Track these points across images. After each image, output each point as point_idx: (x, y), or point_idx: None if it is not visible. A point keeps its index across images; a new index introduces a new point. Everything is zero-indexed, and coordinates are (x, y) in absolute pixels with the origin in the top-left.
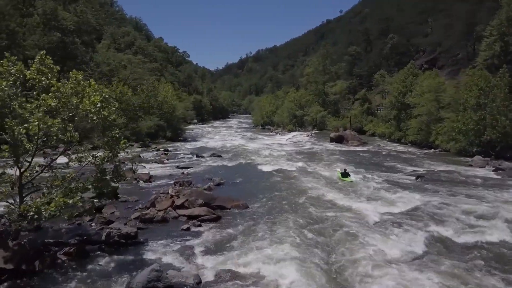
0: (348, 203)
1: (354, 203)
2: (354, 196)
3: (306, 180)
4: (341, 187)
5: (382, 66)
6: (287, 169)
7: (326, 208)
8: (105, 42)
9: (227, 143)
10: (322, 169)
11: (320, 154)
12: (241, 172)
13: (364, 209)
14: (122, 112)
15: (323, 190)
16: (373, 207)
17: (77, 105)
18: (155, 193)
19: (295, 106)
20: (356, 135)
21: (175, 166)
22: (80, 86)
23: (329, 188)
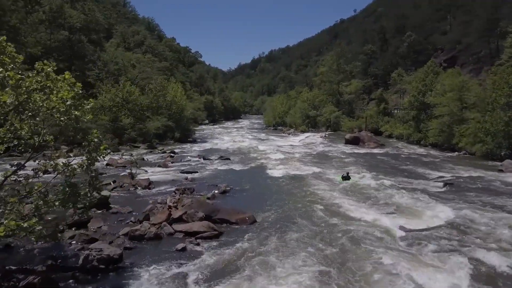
0: (370, 216)
1: (376, 216)
2: (375, 206)
3: (321, 187)
4: (360, 196)
5: (398, 65)
6: (300, 174)
7: (345, 221)
8: (113, 40)
9: (237, 145)
10: (337, 174)
11: (335, 157)
12: (249, 178)
13: (389, 223)
14: (129, 113)
15: (340, 200)
16: (398, 221)
17: (40, 103)
18: (152, 203)
19: (308, 106)
20: (372, 137)
21: (179, 171)
22: (50, 80)
23: (346, 197)
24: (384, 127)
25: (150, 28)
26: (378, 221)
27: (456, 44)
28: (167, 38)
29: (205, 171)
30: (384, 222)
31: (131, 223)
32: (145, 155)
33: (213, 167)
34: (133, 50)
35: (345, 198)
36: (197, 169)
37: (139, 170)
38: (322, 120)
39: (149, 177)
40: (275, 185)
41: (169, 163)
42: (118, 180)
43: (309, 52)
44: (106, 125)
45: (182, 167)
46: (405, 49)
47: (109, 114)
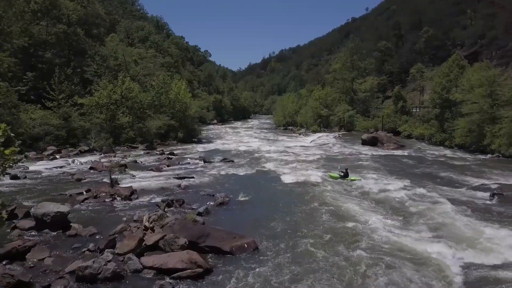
0: (409, 242)
1: (418, 242)
2: (413, 227)
3: (340, 198)
4: (391, 212)
5: (415, 62)
6: (313, 180)
7: (378, 249)
8: (113, 35)
9: (243, 146)
10: (359, 181)
11: (352, 159)
12: (254, 185)
13: (438, 254)
14: (127, 110)
15: (366, 216)
16: (448, 252)
17: None
18: (125, 221)
19: (320, 105)
20: (392, 137)
21: (173, 176)
22: None
23: (372, 212)
24: (402, 127)
25: (159, 27)
26: (422, 251)
27: (478, 39)
28: (174, 35)
29: (204, 176)
30: (430, 251)
31: (87, 252)
32: (141, 157)
33: (214, 171)
34: (136, 46)
35: (371, 214)
36: (195, 174)
37: (125, 175)
38: (335, 120)
39: (136, 183)
40: (284, 194)
41: (164, 167)
42: (95, 188)
43: (320, 51)
44: (102, 124)
45: (178, 171)
46: (422, 45)
47: (105, 112)
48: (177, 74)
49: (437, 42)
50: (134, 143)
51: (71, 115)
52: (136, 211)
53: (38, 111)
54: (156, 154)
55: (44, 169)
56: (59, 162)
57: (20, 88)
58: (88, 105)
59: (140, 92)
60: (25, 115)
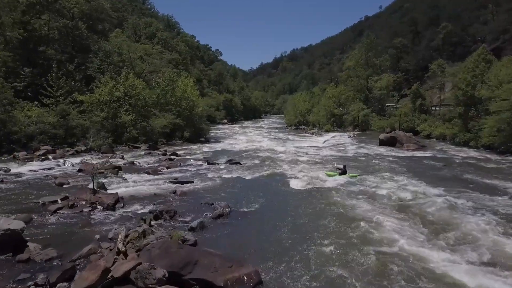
0: (456, 273)
1: (471, 276)
2: (460, 251)
3: (361, 208)
4: (430, 227)
5: (432, 59)
6: (329, 186)
7: (418, 282)
8: (118, 30)
9: (253, 146)
10: (382, 187)
11: (371, 162)
12: (261, 191)
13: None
14: (130, 108)
15: (397, 232)
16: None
17: None
18: (96, 240)
19: (333, 103)
20: (412, 137)
21: (170, 180)
22: None
23: (405, 226)
24: (421, 126)
25: (170, 26)
26: (472, 281)
27: (501, 34)
28: (184, 33)
29: (205, 181)
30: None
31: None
32: (141, 157)
33: (217, 174)
34: (143, 42)
35: (404, 228)
36: (195, 177)
37: (116, 178)
38: (349, 119)
39: (126, 189)
40: (296, 204)
41: (163, 169)
42: (75, 194)
43: (333, 51)
44: (104, 123)
45: (177, 174)
46: (439, 42)
47: (107, 110)
48: (184, 72)
49: (456, 38)
50: (137, 143)
51: (70, 112)
52: (116, 225)
53: (35, 108)
54: (157, 154)
55: (28, 171)
56: (50, 163)
57: (17, 85)
58: (88, 102)
59: (145, 89)
60: (21, 112)
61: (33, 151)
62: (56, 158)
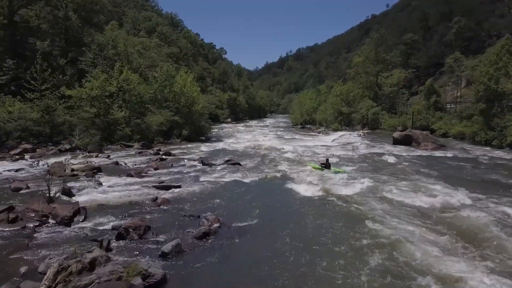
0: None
1: None
2: (496, 266)
3: (383, 218)
4: (480, 249)
5: (444, 55)
6: (342, 193)
7: None
8: (114, 22)
9: (256, 145)
10: (403, 191)
11: (386, 162)
12: (261, 199)
13: None
14: (124, 104)
15: (438, 257)
16: None
17: None
18: (22, 274)
19: (341, 101)
20: (429, 135)
21: (155, 184)
22: None
23: (446, 246)
24: (437, 124)
25: (174, 24)
26: None
27: None
28: (187, 29)
29: (195, 185)
30: None
31: None
32: (131, 157)
33: (212, 177)
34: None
35: (443, 244)
36: (185, 181)
37: (89, 182)
38: (358, 117)
39: (97, 196)
40: (304, 218)
41: (151, 170)
42: (27, 204)
43: (339, 50)
44: (95, 119)
45: (165, 177)
46: (452, 37)
47: (98, 105)
48: (184, 67)
49: (470, 33)
50: (130, 141)
51: (56, 108)
52: (62, 248)
53: (17, 103)
54: (149, 154)
55: None
56: (23, 163)
57: None
58: (76, 97)
59: (140, 84)
60: (1, 108)
61: (8, 150)
62: (34, 157)
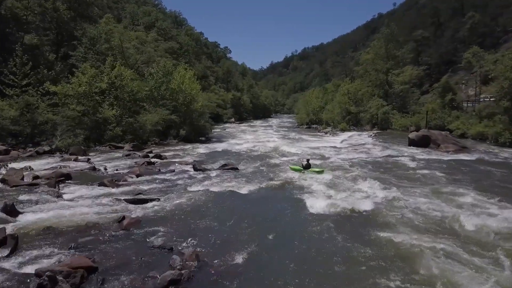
0: None
1: None
2: None
3: (410, 234)
4: None
5: (457, 52)
6: (361, 208)
7: None
8: (108, 15)
9: (258, 147)
10: (428, 202)
11: (406, 167)
12: (259, 217)
13: None
14: (115, 102)
15: None
16: None
17: None
18: None
19: (349, 100)
20: (449, 136)
21: (127, 198)
22: None
23: None
24: (454, 124)
25: (177, 22)
26: None
27: None
28: (189, 26)
29: (179, 197)
30: None
31: None
32: (115, 160)
33: (202, 186)
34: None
35: None
36: (167, 192)
37: (47, 195)
38: (367, 117)
39: (48, 213)
40: (313, 244)
41: (132, 177)
42: None
43: (345, 49)
44: (81, 118)
45: (146, 186)
46: (465, 33)
47: (86, 103)
48: (184, 64)
49: (484, 29)
50: (122, 142)
51: (38, 105)
52: None
53: None
54: (138, 156)
55: None
56: None
57: None
58: (61, 94)
59: (134, 80)
60: None
61: None
62: (4, 161)
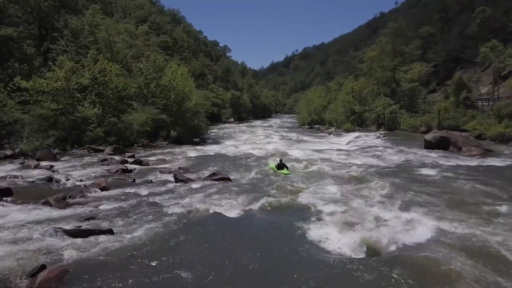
0: None
1: None
2: None
3: None
4: None
5: (465, 48)
6: (403, 242)
7: None
8: (95, 6)
9: (256, 150)
10: (465, 222)
11: (428, 175)
12: (251, 265)
13: None
14: (97, 99)
15: None
16: None
17: None
18: None
19: (353, 99)
20: (470, 138)
21: (68, 228)
22: None
23: None
24: (470, 124)
25: (176, 20)
26: None
27: None
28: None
29: (141, 226)
30: None
31: None
32: (87, 167)
33: (178, 206)
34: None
35: None
36: (131, 215)
37: None
38: (372, 116)
39: None
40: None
41: (95, 191)
42: None
43: (346, 48)
44: (58, 118)
45: (107, 205)
46: (475, 29)
47: (63, 100)
48: (178, 60)
49: (495, 24)
50: (104, 144)
51: (6, 103)
52: None
53: None
54: (115, 162)
55: None
56: None
57: None
58: (33, 90)
59: (119, 76)
60: None
61: None
62: None
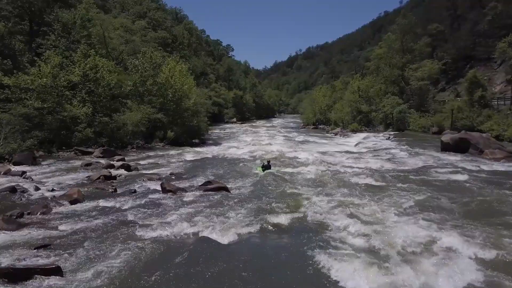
0: None
1: None
2: None
3: None
4: None
5: (476, 46)
6: None
7: None
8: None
9: (259, 152)
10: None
11: (457, 184)
12: None
13: None
14: (88, 98)
15: None
16: None
17: None
18: None
19: (360, 98)
20: (491, 139)
21: (7, 263)
22: None
23: None
24: (486, 124)
25: (178, 19)
26: None
27: None
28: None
29: (106, 258)
30: None
31: None
32: (68, 172)
33: (161, 228)
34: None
35: None
36: (98, 241)
37: None
38: (380, 116)
39: None
40: None
41: (65, 205)
42: None
43: (350, 48)
44: (45, 117)
45: (73, 224)
46: (486, 26)
47: (50, 98)
48: (177, 57)
49: (508, 21)
50: (95, 145)
51: None
52: None
53: None
54: (100, 166)
55: None
56: None
57: None
58: (15, 87)
59: (112, 73)
60: None
61: None
62: None
